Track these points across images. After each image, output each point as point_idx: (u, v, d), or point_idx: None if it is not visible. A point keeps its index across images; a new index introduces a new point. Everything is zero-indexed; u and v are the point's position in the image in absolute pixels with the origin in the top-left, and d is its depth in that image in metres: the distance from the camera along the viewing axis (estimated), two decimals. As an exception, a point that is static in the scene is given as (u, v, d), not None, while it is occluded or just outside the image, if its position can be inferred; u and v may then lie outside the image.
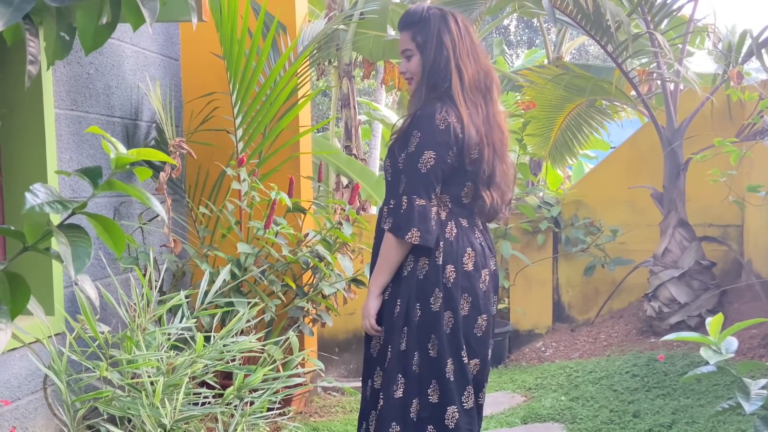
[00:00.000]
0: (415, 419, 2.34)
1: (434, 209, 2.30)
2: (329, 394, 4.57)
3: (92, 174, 1.43)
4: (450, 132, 2.28)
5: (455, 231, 2.36)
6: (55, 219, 1.36)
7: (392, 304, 2.36)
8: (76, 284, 1.53)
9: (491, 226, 2.90)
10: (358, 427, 2.53)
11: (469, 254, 2.36)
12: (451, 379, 2.34)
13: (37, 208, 1.29)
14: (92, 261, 3.47)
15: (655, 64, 4.99)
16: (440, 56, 2.35)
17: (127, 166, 1.40)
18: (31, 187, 1.31)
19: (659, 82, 5.08)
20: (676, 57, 4.84)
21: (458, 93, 2.32)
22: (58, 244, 1.32)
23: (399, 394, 2.35)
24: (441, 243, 2.33)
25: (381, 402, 2.37)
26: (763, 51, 4.46)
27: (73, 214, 1.38)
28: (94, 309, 1.98)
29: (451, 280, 2.33)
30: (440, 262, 2.32)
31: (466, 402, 2.38)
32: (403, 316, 2.33)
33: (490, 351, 2.49)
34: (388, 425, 2.34)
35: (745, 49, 4.60)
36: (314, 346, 4.32)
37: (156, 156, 1.45)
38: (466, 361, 2.35)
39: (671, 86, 4.95)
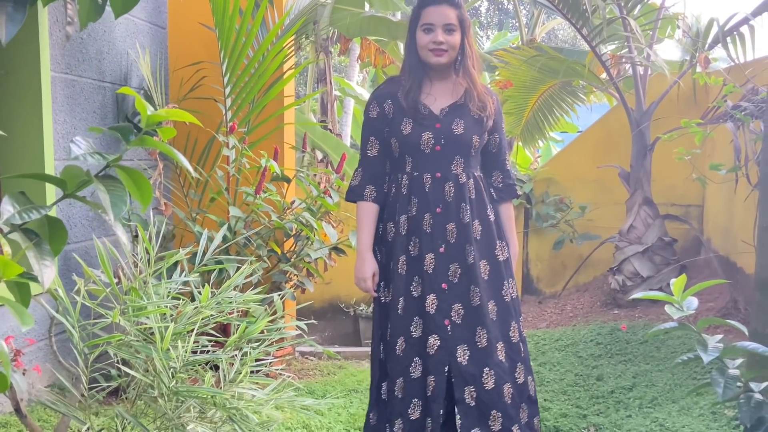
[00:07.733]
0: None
1: None
2: (307, 358, 4.72)
3: (124, 131, 1.56)
4: None
5: None
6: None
7: None
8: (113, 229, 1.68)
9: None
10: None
11: None
12: None
13: (81, 158, 1.42)
14: (98, 220, 3.57)
15: (626, 48, 5.18)
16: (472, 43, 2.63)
17: (158, 124, 1.53)
18: (73, 139, 1.44)
19: (629, 66, 5.28)
20: (646, 42, 5.04)
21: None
22: (98, 191, 1.44)
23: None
24: None
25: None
26: (728, 39, 4.67)
27: (108, 166, 1.51)
28: (111, 261, 2.10)
29: None
30: None
31: None
32: None
33: None
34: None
35: (711, 37, 4.81)
36: (294, 311, 4.46)
37: (184, 117, 1.58)
38: None
39: (641, 70, 5.15)
